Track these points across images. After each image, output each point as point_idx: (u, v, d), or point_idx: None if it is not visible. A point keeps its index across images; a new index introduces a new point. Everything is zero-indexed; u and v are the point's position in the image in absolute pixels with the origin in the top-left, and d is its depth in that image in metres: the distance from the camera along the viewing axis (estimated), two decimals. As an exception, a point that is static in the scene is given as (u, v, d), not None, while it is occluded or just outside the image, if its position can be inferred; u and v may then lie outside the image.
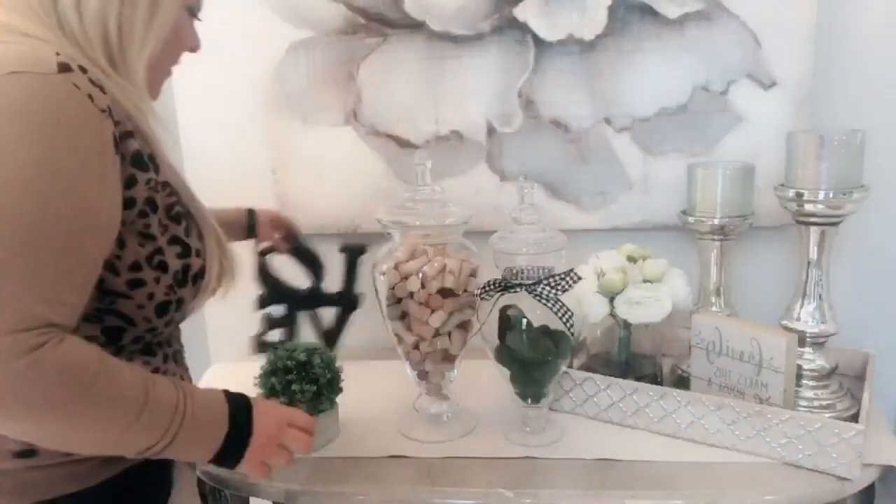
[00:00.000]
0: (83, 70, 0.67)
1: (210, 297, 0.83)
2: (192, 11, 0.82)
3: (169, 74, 0.84)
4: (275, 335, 1.23)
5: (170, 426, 0.70)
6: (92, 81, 0.67)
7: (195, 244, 0.79)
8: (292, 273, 1.23)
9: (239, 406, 0.77)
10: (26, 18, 0.70)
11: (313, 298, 1.21)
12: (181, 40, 0.82)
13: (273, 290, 1.23)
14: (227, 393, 0.78)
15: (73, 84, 0.65)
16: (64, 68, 0.65)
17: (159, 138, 0.77)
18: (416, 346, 1.04)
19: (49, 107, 0.63)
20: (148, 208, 0.73)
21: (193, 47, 0.85)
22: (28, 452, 0.71)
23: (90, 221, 0.66)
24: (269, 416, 0.80)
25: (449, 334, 1.03)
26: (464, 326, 1.05)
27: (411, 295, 1.00)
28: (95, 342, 0.69)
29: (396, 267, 1.01)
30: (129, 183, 0.71)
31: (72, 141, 0.64)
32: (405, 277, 1.00)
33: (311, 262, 1.23)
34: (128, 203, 0.71)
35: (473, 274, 1.04)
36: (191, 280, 0.78)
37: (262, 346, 1.23)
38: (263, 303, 1.22)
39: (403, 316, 1.04)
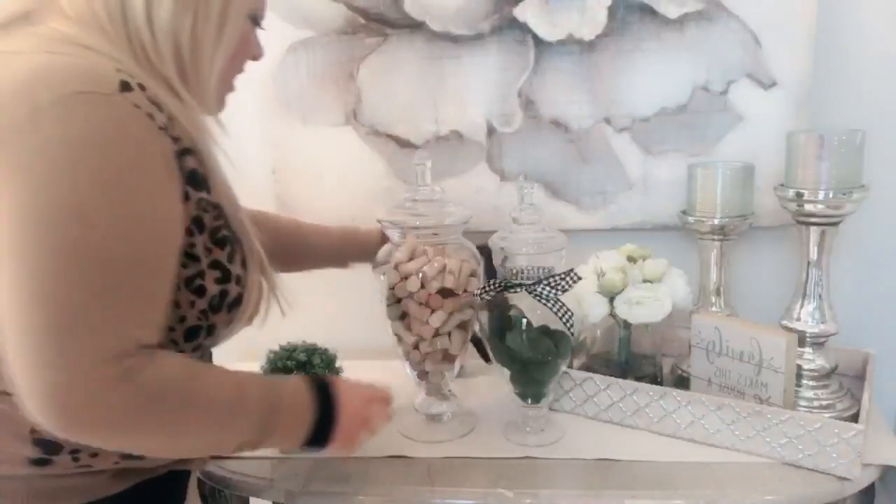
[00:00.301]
0: (142, 87, 0.66)
1: (246, 325, 0.81)
2: (256, 20, 0.81)
3: (233, 88, 0.83)
4: None
5: (261, 422, 0.73)
6: (150, 99, 0.66)
7: (237, 270, 0.76)
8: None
9: (323, 394, 0.79)
10: (89, 31, 0.69)
11: None
12: (246, 50, 0.81)
13: None
14: (309, 381, 0.80)
15: (133, 104, 0.64)
16: (125, 87, 0.64)
17: (216, 158, 0.76)
18: (416, 346, 1.04)
19: (113, 129, 0.63)
20: (195, 227, 0.71)
21: (256, 56, 0.84)
22: (43, 461, 0.71)
23: (163, 239, 0.67)
24: (352, 398, 0.82)
25: (449, 334, 1.03)
26: (464, 326, 1.05)
27: (411, 295, 1.00)
28: None
29: (396, 267, 1.01)
30: (182, 200, 0.70)
31: (138, 162, 0.64)
32: (405, 277, 1.00)
33: None
34: None
35: (473, 274, 1.04)
36: (226, 307, 0.75)
37: None
38: None
39: (403, 316, 1.03)
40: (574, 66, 1.28)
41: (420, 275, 0.99)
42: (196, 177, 0.71)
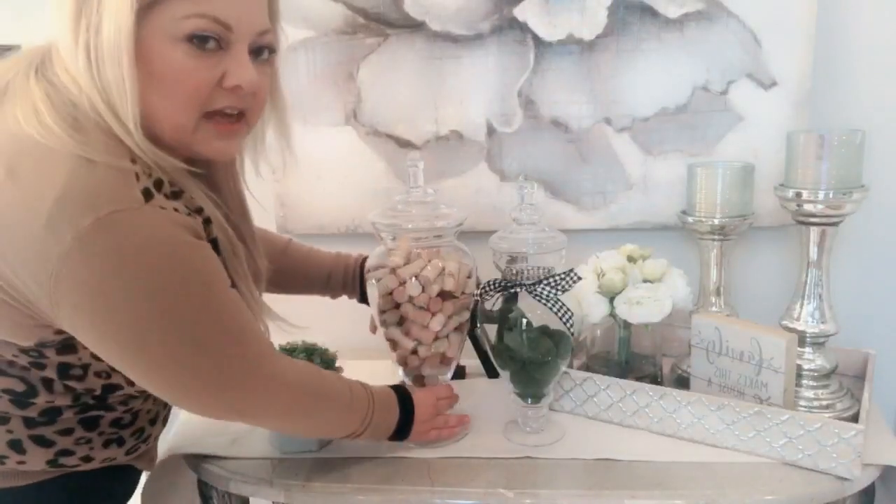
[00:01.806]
0: (158, 185, 0.70)
1: None
2: (198, 40, 0.70)
3: (216, 131, 0.75)
4: None
5: (366, 415, 0.89)
6: (167, 194, 0.71)
7: None
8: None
9: (403, 397, 0.96)
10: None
11: (472, 318, 1.09)
12: (181, 78, 0.70)
13: None
14: (392, 387, 0.97)
15: (159, 207, 0.69)
16: (147, 195, 0.68)
17: (219, 218, 0.79)
18: (415, 351, 1.03)
19: (153, 238, 0.68)
20: None
21: (226, 82, 0.72)
22: None
23: (227, 288, 0.76)
24: (423, 399, 0.98)
25: (447, 337, 1.02)
26: (461, 328, 1.04)
27: (411, 299, 0.99)
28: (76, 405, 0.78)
29: (394, 271, 1.00)
30: None
31: (184, 253, 0.70)
32: (403, 282, 0.99)
33: None
34: None
35: (470, 275, 1.03)
36: None
37: None
38: None
39: (401, 321, 1.02)
40: (574, 66, 1.28)
41: (419, 278, 0.98)
42: (216, 245, 0.77)
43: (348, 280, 1.17)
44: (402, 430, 0.95)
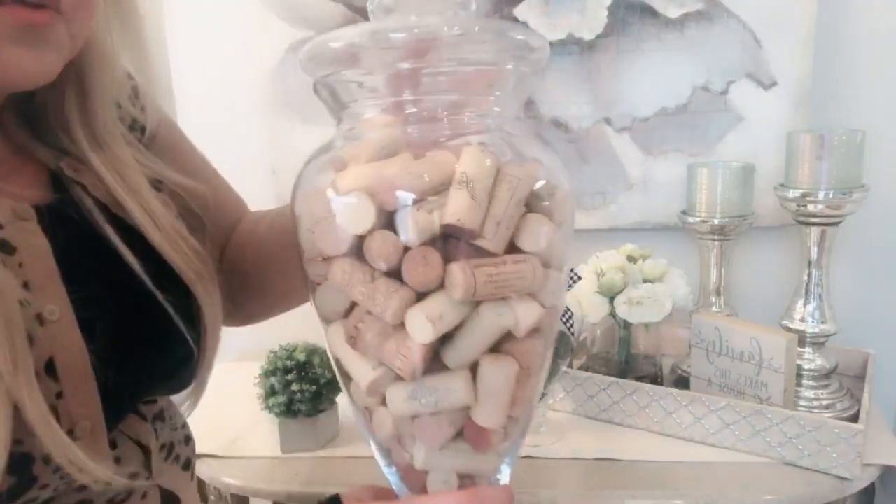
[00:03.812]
0: None
1: None
2: None
3: None
4: None
5: None
6: None
7: None
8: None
9: None
10: None
11: None
12: None
13: None
14: None
15: None
16: None
17: None
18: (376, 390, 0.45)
19: None
20: None
21: None
22: None
23: None
24: None
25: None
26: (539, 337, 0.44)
27: (357, 248, 0.42)
28: None
29: (337, 181, 0.42)
30: None
31: None
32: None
33: None
34: None
35: (537, 203, 0.44)
36: None
37: None
38: None
39: (350, 310, 0.45)
40: (574, 66, 1.28)
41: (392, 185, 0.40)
42: None
43: None
44: None
